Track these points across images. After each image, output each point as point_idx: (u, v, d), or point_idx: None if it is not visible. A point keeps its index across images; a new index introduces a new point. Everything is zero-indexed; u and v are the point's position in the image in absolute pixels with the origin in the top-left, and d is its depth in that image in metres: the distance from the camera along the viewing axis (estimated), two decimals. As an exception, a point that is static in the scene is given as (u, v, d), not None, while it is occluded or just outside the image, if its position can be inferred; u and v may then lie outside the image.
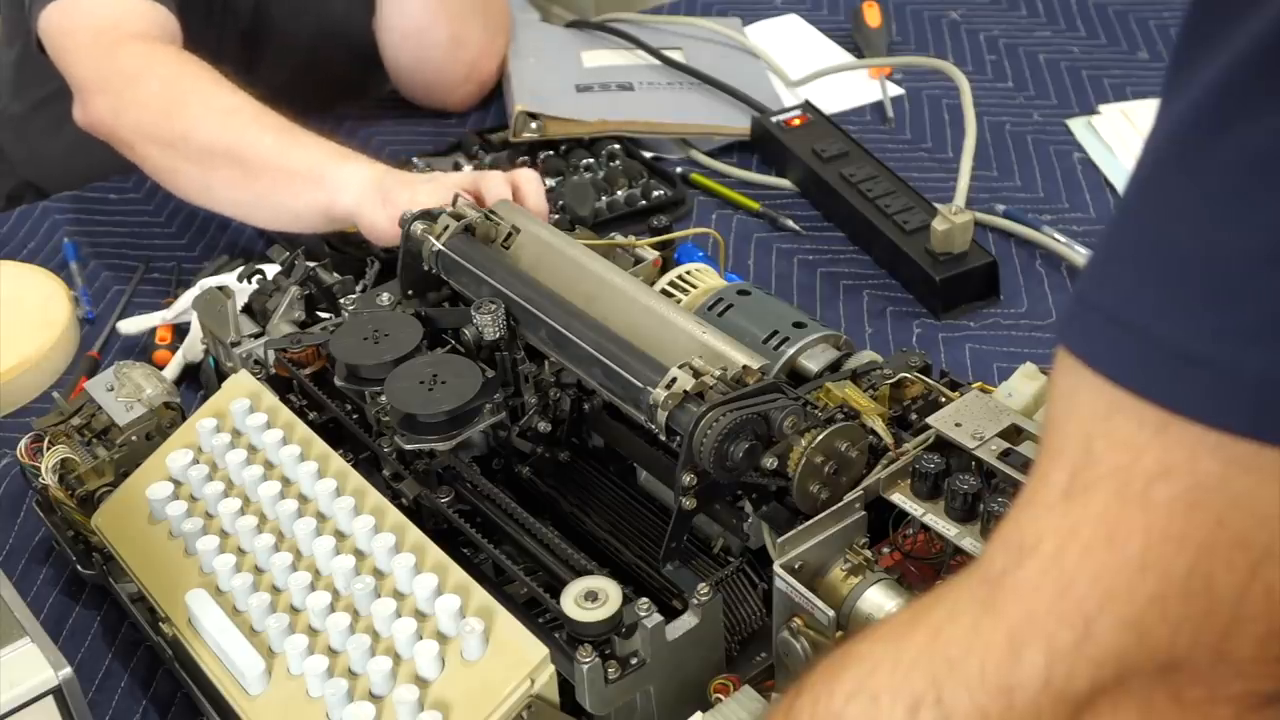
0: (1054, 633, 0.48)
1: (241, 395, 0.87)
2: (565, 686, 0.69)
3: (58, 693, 0.70)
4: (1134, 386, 0.45)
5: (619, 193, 1.24)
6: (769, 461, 0.72)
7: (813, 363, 0.84)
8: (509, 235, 0.90)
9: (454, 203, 0.93)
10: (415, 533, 0.76)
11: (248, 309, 0.96)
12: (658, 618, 0.69)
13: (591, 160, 1.28)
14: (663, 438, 0.75)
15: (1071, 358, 0.48)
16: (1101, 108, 1.35)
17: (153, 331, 1.11)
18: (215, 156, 1.10)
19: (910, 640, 0.52)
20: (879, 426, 0.75)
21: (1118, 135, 1.30)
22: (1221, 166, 0.43)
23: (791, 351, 0.84)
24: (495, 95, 1.43)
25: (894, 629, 0.55)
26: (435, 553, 0.75)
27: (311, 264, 0.96)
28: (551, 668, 0.69)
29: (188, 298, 1.09)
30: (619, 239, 0.98)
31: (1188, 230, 0.44)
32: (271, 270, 0.98)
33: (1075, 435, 0.48)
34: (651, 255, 0.96)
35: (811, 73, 1.42)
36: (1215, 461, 0.44)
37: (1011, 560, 0.49)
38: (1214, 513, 0.45)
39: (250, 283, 0.97)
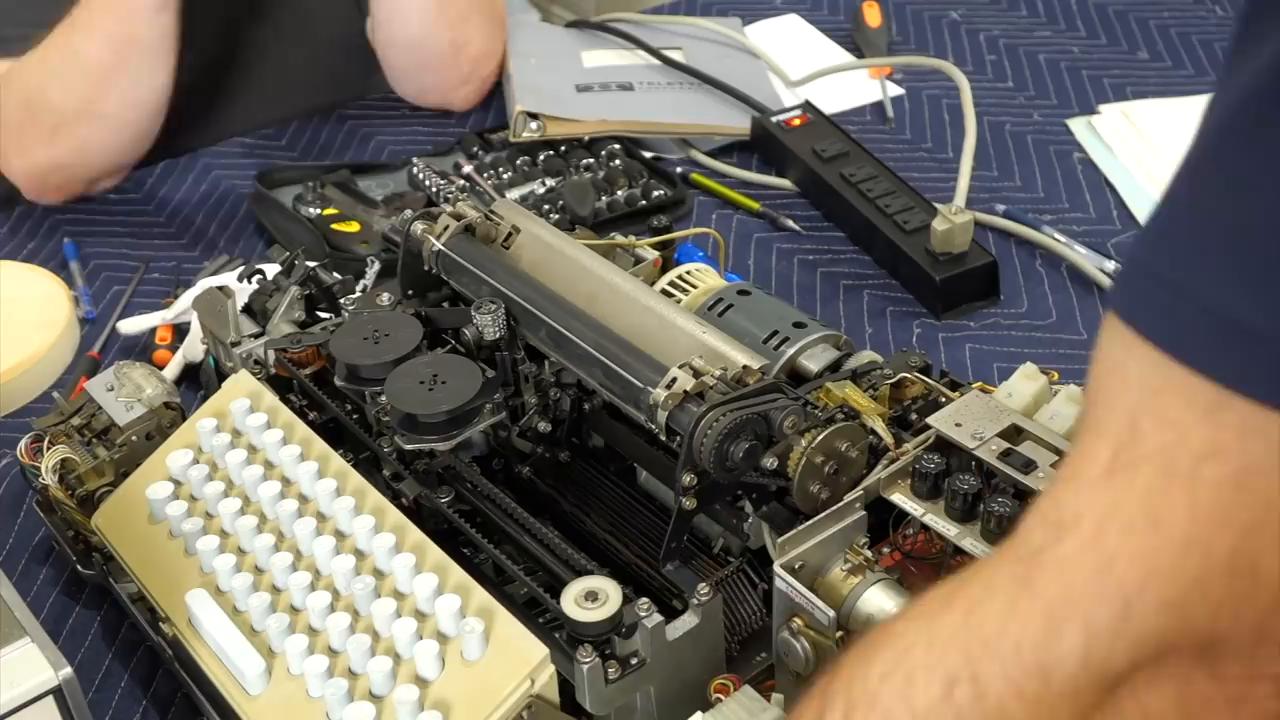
0: (1093, 611, 0.47)
1: (241, 395, 0.87)
2: (565, 686, 0.69)
3: (58, 693, 0.70)
4: (1188, 359, 0.44)
5: (619, 193, 1.24)
6: (769, 461, 0.72)
7: (813, 363, 0.84)
8: (509, 235, 0.90)
9: None
10: (415, 533, 0.76)
11: (248, 309, 0.96)
12: (658, 618, 0.69)
13: (591, 160, 1.28)
14: (663, 438, 0.75)
15: (1121, 326, 0.47)
16: (1101, 108, 1.35)
17: (153, 331, 1.11)
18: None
19: (945, 618, 0.52)
20: (879, 426, 0.75)
21: (1118, 135, 1.30)
22: None
23: (791, 351, 0.84)
24: (495, 95, 1.43)
25: (928, 607, 0.54)
26: (435, 553, 0.75)
27: (311, 264, 0.96)
28: (551, 668, 0.69)
29: (188, 298, 1.09)
30: (619, 239, 0.98)
31: (1257, 200, 0.43)
32: (271, 270, 0.98)
33: (1121, 409, 0.47)
34: (651, 255, 0.96)
35: (811, 73, 1.42)
36: (1267, 442, 0.43)
37: (1050, 536, 0.49)
38: (1262, 495, 0.44)
39: (250, 283, 0.97)
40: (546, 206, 1.23)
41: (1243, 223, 0.43)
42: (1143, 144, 1.28)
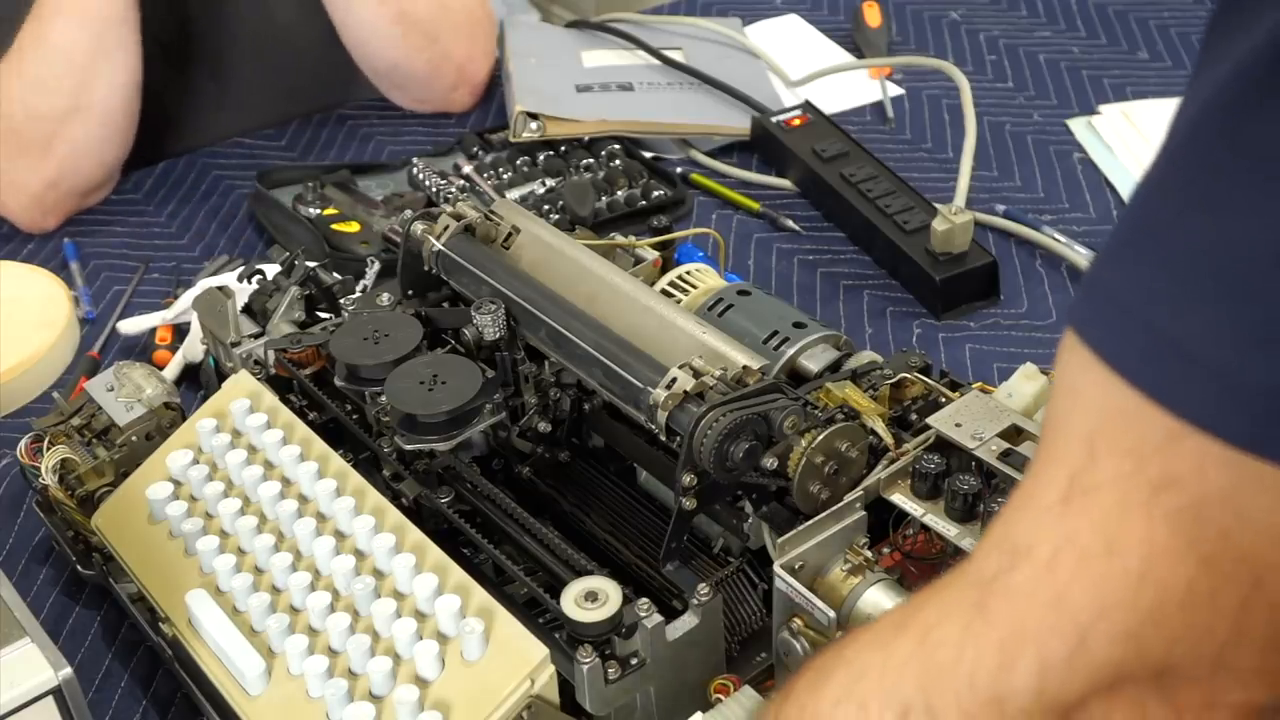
0: (1047, 643, 0.46)
1: (241, 395, 0.87)
2: (565, 686, 0.69)
3: (58, 693, 0.70)
4: (1146, 389, 0.43)
5: (619, 193, 1.24)
6: (769, 462, 0.72)
7: (813, 363, 0.84)
8: (509, 235, 0.90)
9: None
10: (415, 533, 0.76)
11: (248, 309, 0.96)
12: (658, 618, 0.69)
13: (591, 160, 1.28)
14: (663, 438, 0.75)
15: (1079, 344, 0.45)
16: (1101, 108, 1.35)
17: (153, 331, 1.11)
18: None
19: (899, 644, 0.51)
20: (879, 427, 0.75)
21: (1118, 135, 1.30)
22: (1249, 156, 0.41)
23: (791, 351, 0.84)
24: (495, 95, 1.43)
25: (882, 632, 0.53)
26: (435, 553, 0.75)
27: (311, 264, 0.96)
28: (551, 668, 0.69)
29: (188, 298, 1.09)
30: (619, 239, 0.98)
31: (1211, 223, 0.42)
32: (271, 270, 0.98)
33: (1076, 433, 0.46)
34: (651, 255, 0.96)
35: (811, 73, 1.42)
36: (1224, 475, 0.42)
37: (1004, 563, 0.48)
38: (1219, 527, 0.43)
39: (250, 283, 0.97)
40: (546, 206, 1.23)
41: (1203, 250, 0.42)
42: (1143, 144, 1.28)
